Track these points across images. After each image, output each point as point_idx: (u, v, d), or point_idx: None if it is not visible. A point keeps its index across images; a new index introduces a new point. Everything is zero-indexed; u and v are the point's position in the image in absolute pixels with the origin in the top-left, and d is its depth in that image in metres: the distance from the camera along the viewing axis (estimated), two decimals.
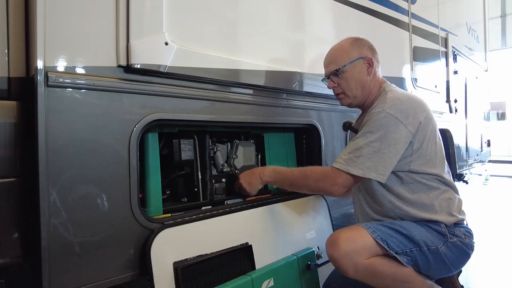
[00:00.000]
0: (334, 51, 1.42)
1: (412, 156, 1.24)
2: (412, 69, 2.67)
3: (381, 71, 1.42)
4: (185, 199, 1.49)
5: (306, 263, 1.47)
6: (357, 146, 1.22)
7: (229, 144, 1.69)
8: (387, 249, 1.16)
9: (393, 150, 1.20)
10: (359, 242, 1.18)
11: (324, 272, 1.67)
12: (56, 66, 0.99)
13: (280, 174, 1.41)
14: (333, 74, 1.38)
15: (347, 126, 1.49)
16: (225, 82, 1.41)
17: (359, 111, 1.54)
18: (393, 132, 1.19)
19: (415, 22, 2.73)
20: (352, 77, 1.35)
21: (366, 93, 1.37)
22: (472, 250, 1.28)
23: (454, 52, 3.37)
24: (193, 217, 1.30)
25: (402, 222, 1.25)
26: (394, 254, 1.17)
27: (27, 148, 1.02)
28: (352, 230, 1.23)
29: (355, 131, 1.38)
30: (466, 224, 1.32)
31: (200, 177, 1.49)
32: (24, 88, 1.04)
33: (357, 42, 1.39)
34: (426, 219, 1.24)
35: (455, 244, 1.23)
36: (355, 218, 1.50)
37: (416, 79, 2.72)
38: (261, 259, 1.41)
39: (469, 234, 1.29)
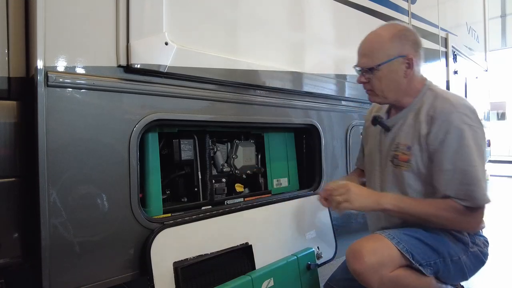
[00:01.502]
0: (371, 42, 1.22)
1: None
2: None
3: (421, 67, 1.27)
4: (185, 199, 1.49)
5: (306, 263, 1.47)
6: (469, 174, 1.08)
7: (229, 144, 1.69)
8: (412, 261, 1.10)
9: (484, 163, 1.13)
10: (385, 253, 1.09)
11: (324, 272, 1.67)
12: (56, 66, 0.99)
13: (403, 203, 1.16)
14: (365, 70, 1.23)
15: (378, 121, 1.32)
16: (225, 82, 1.41)
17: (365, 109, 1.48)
18: (482, 145, 1.12)
19: (415, 22, 2.73)
20: (386, 77, 1.19)
21: (400, 94, 1.23)
22: (487, 259, 1.25)
23: (454, 52, 3.37)
24: (193, 217, 1.30)
25: (425, 231, 1.17)
26: (419, 267, 1.11)
27: (27, 148, 1.02)
28: (375, 241, 1.14)
29: (386, 128, 1.28)
30: (482, 232, 1.29)
31: (200, 177, 1.49)
32: (24, 88, 1.04)
33: (400, 36, 1.20)
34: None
35: (475, 254, 1.20)
36: (368, 217, 1.41)
37: None
38: (261, 259, 1.41)
39: (487, 243, 1.26)
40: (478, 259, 1.22)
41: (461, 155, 1.09)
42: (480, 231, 1.27)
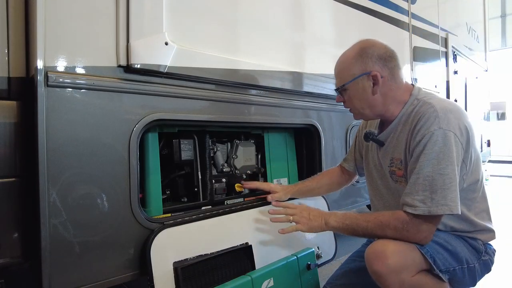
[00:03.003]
0: (339, 63, 1.24)
1: (467, 171, 1.12)
2: (412, 69, 2.67)
3: (402, 76, 1.19)
4: (185, 199, 1.49)
5: (306, 263, 1.47)
6: (428, 179, 1.03)
7: (229, 144, 1.69)
8: (434, 267, 1.06)
9: (458, 171, 1.05)
10: (409, 257, 1.04)
11: (324, 272, 1.67)
12: (56, 66, 0.99)
13: (349, 220, 1.18)
14: (338, 90, 1.23)
15: (370, 137, 1.28)
16: (225, 82, 1.41)
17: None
18: (456, 151, 1.04)
19: (415, 22, 2.73)
20: (355, 96, 1.18)
21: (379, 110, 1.19)
22: (492, 266, 1.24)
23: (454, 52, 3.37)
24: (193, 217, 1.30)
25: (444, 235, 1.14)
26: (439, 273, 1.07)
27: (27, 148, 1.02)
28: (398, 241, 1.07)
29: (380, 143, 1.25)
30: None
31: (200, 177, 1.49)
32: (24, 88, 1.04)
33: (363, 54, 1.17)
34: (465, 235, 1.17)
35: (485, 263, 1.19)
36: (372, 204, 1.37)
37: (416, 79, 2.72)
38: (261, 259, 1.41)
39: (494, 253, 1.25)
40: (487, 268, 1.21)
41: (431, 161, 1.03)
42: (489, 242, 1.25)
